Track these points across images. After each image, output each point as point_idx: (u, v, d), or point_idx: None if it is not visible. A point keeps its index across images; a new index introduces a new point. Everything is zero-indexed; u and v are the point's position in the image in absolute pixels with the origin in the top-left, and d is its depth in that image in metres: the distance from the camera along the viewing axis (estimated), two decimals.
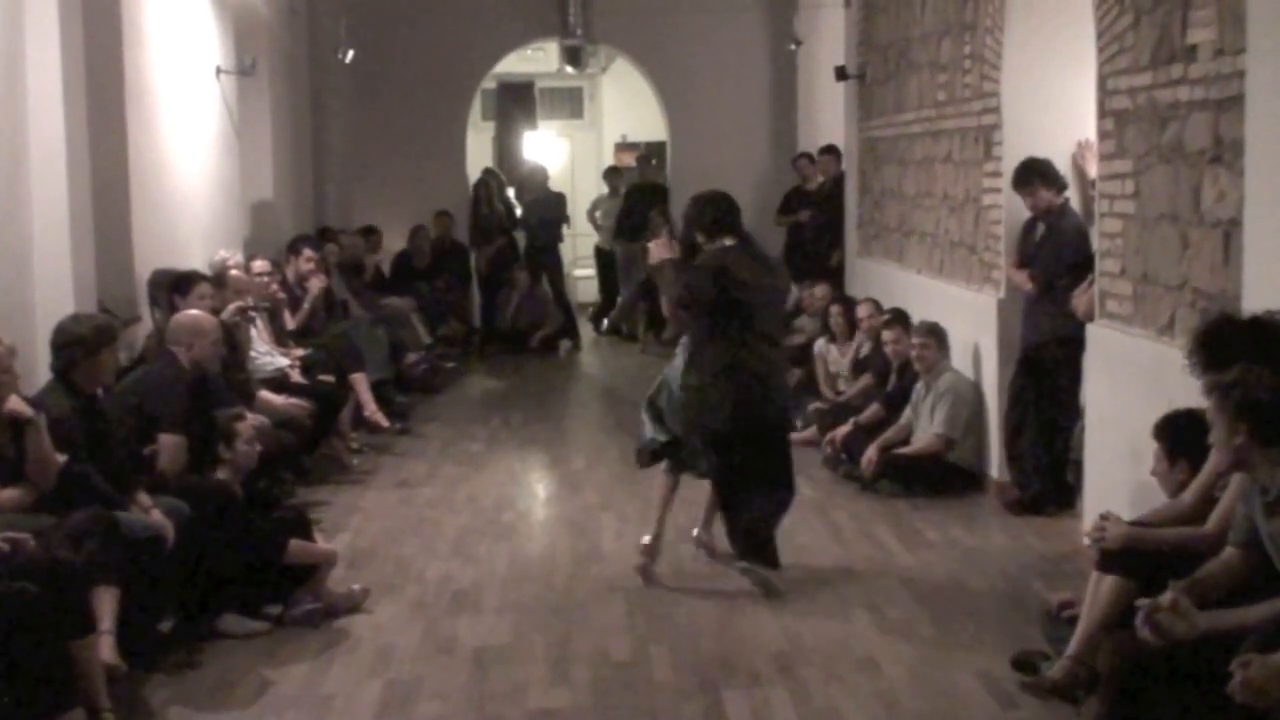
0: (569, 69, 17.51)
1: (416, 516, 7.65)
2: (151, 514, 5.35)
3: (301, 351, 8.86)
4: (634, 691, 5.08)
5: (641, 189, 14.82)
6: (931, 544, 6.92)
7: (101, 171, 6.97)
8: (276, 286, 9.21)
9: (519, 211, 15.05)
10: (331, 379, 8.88)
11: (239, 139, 10.55)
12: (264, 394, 7.71)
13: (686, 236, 6.57)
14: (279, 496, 6.93)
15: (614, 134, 19.66)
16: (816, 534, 7.12)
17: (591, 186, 17.68)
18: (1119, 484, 6.08)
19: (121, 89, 7.57)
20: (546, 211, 14.77)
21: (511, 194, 15.40)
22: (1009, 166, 7.58)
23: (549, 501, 8.24)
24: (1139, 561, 4.42)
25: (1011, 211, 7.67)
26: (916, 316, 8.59)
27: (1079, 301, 6.84)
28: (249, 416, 6.46)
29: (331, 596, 5.93)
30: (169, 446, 6.01)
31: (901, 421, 8.17)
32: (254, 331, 8.27)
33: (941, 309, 8.49)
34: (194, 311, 6.74)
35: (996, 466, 7.74)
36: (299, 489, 7.98)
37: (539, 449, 9.64)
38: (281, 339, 8.92)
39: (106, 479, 5.29)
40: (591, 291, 16.49)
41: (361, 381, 9.25)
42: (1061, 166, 7.49)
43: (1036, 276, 7.33)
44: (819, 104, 13.65)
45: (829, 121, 12.80)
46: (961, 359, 8.15)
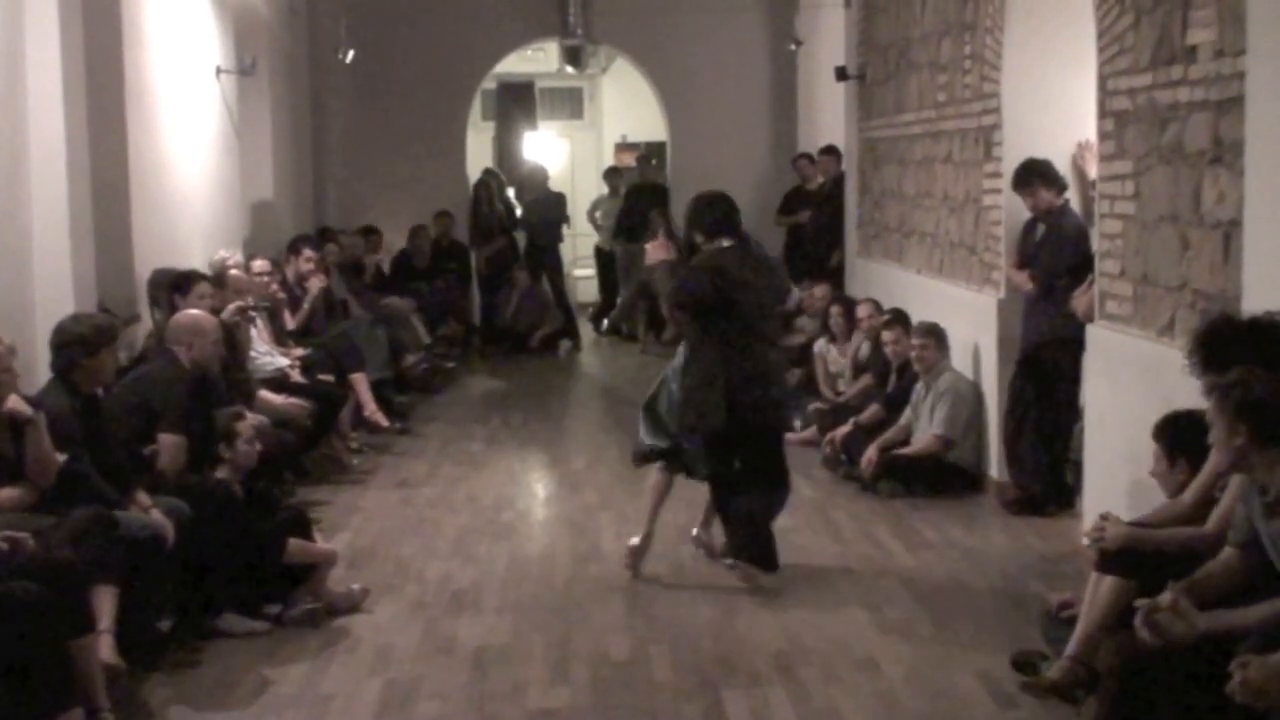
0: (569, 69, 17.52)
1: (416, 516, 7.65)
2: (151, 513, 5.34)
3: (301, 351, 8.86)
4: (634, 691, 5.08)
5: (641, 189, 14.81)
6: (931, 544, 6.91)
7: (101, 171, 6.97)
8: (276, 286, 9.22)
9: (519, 211, 15.04)
10: (331, 379, 8.90)
11: (239, 139, 10.55)
12: (264, 394, 7.71)
13: (687, 237, 6.59)
14: (279, 496, 6.92)
15: (614, 134, 19.64)
16: (816, 534, 7.12)
17: (591, 186, 17.67)
18: (1119, 484, 6.09)
19: (121, 89, 7.57)
20: (546, 211, 14.76)
21: (511, 194, 15.39)
22: (1009, 167, 7.57)
23: (549, 501, 8.24)
24: (1138, 562, 4.42)
25: (1011, 212, 7.67)
26: (916, 317, 8.58)
27: (1079, 302, 6.84)
28: (249, 416, 6.46)
29: (331, 596, 5.93)
30: (169, 446, 6.00)
31: (901, 422, 8.17)
32: (254, 331, 8.26)
33: (941, 309, 8.49)
34: (194, 311, 6.73)
35: (996, 467, 7.74)
36: (299, 489, 7.98)
37: (539, 449, 9.64)
38: (281, 339, 8.93)
39: (106, 478, 5.29)
40: (591, 291, 16.48)
41: (361, 381, 9.26)
42: (1061, 167, 7.48)
43: (1036, 277, 7.32)
44: (819, 104, 13.64)
45: (829, 122, 12.79)
46: (961, 359, 8.15)
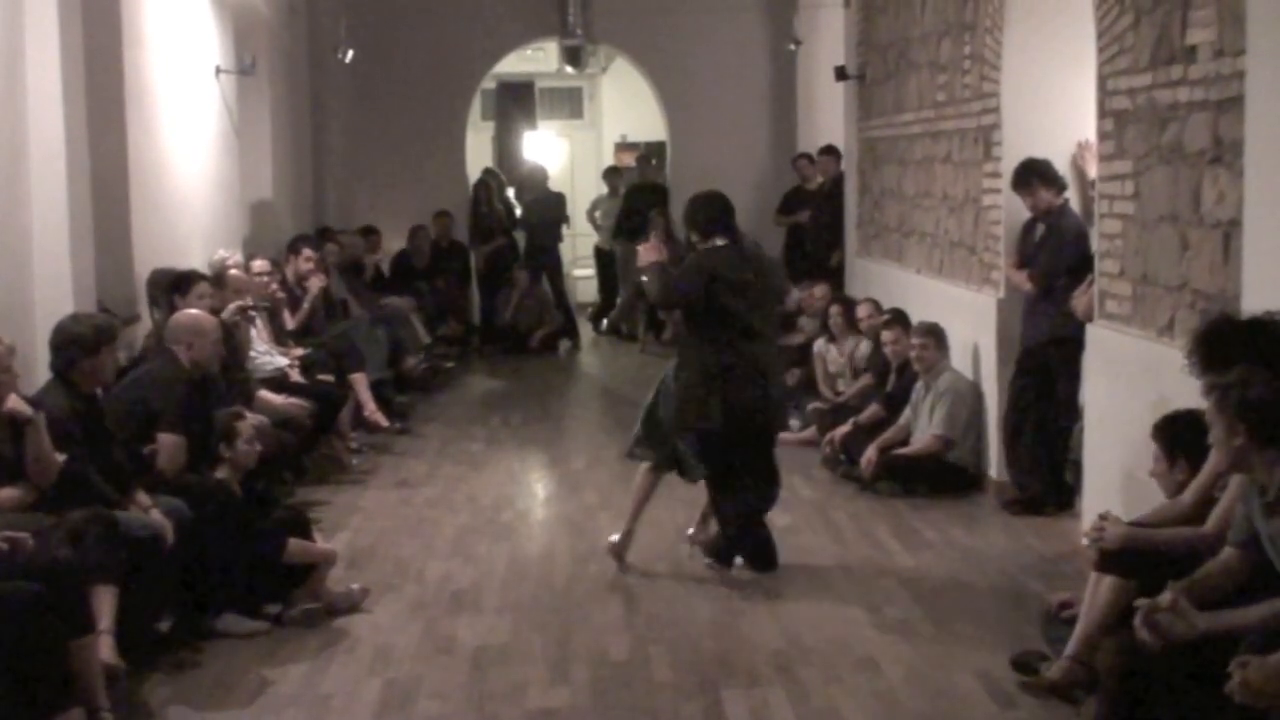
0: (569, 69, 17.51)
1: (416, 516, 7.65)
2: (151, 513, 5.35)
3: (301, 351, 8.86)
4: (633, 691, 5.08)
5: (641, 189, 14.80)
6: (931, 544, 6.91)
7: (101, 171, 6.97)
8: (276, 286, 9.21)
9: (519, 211, 15.03)
10: (331, 379, 8.89)
11: (239, 139, 10.55)
12: (263, 394, 7.71)
13: (685, 237, 6.60)
14: (278, 496, 6.93)
15: (614, 134, 19.64)
16: (816, 534, 7.12)
17: (591, 186, 17.66)
18: (1118, 484, 6.09)
19: (121, 89, 7.57)
20: (546, 211, 14.75)
21: (511, 194, 15.39)
22: (1008, 167, 7.57)
23: (548, 501, 8.23)
24: (1138, 562, 4.42)
25: (1011, 212, 7.66)
26: (916, 316, 8.58)
27: (1078, 302, 6.84)
28: (248, 416, 6.46)
29: (331, 596, 5.93)
30: (168, 446, 6.00)
31: (901, 422, 8.17)
32: (254, 331, 8.27)
33: (941, 309, 8.49)
34: (194, 311, 6.73)
35: (996, 466, 7.74)
36: (299, 489, 7.99)
37: (538, 449, 9.64)
38: (281, 339, 8.93)
39: (106, 478, 5.29)
40: (591, 291, 16.48)
41: (361, 381, 9.26)
42: (1061, 167, 7.48)
43: (1036, 277, 7.32)
44: (819, 104, 13.64)
45: (829, 121, 12.79)
46: (961, 359, 8.15)
